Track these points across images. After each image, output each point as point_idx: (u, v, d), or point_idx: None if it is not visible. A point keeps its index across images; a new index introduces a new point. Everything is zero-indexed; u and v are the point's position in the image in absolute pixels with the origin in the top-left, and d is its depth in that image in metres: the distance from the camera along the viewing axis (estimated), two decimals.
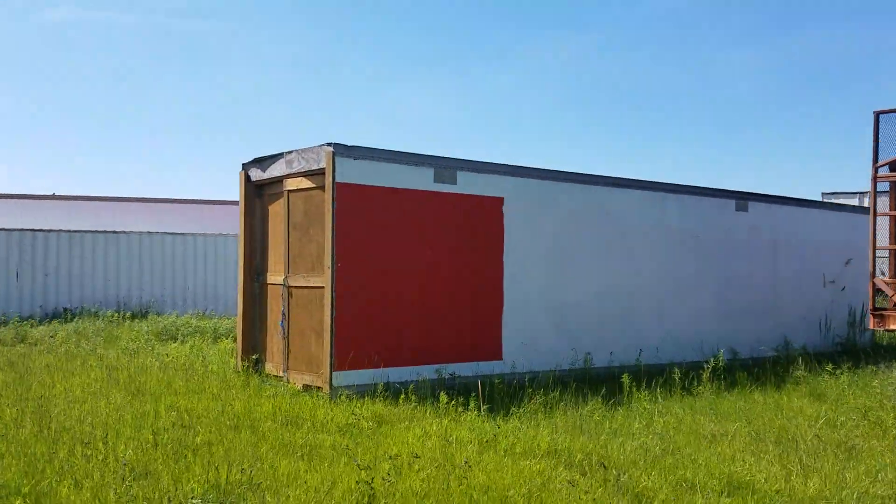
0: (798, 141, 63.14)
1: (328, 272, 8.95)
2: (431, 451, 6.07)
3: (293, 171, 9.85)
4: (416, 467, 5.28)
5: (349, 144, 9.10)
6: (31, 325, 17.79)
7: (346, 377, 8.92)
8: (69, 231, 22.77)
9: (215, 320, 19.55)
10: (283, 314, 10.08)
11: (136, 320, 20.37)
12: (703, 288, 13.01)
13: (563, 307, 11.11)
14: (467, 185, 10.08)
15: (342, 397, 8.44)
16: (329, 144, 9.06)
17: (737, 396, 9.44)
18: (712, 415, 8.17)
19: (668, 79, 63.72)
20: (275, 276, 10.53)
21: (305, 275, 9.70)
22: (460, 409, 7.84)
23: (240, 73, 65.72)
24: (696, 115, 65.62)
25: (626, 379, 8.77)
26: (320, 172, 9.36)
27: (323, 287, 9.28)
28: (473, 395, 8.43)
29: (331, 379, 8.84)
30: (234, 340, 16.17)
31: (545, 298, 10.93)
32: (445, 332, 9.91)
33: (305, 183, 9.74)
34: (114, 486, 4.90)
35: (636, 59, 64.15)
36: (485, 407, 7.84)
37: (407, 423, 7.46)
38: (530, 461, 5.77)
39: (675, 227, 12.63)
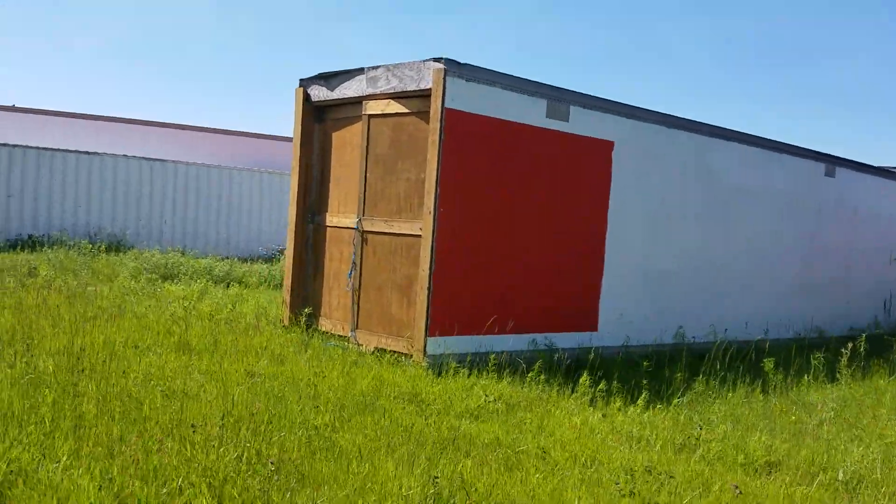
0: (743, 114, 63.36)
1: (429, 218, 7.64)
2: (624, 456, 4.96)
3: (378, 91, 8.41)
4: (668, 489, 4.14)
5: (461, 62, 7.71)
6: None
7: (440, 344, 7.71)
8: (38, 148, 20.65)
9: (208, 260, 18.04)
10: (354, 264, 8.75)
11: (114, 254, 18.71)
12: (793, 259, 12.16)
13: (658, 274, 10.06)
14: (579, 123, 8.80)
15: (448, 369, 7.24)
16: (437, 59, 7.65)
17: (869, 382, 8.58)
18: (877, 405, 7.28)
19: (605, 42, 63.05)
20: (339, 218, 9.16)
21: (388, 219, 8.36)
22: (588, 391, 6.73)
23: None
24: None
25: (768, 364, 7.77)
26: (420, 95, 7.95)
27: (415, 235, 7.98)
28: (585, 370, 7.31)
29: (425, 346, 7.63)
30: (256, 286, 14.77)
31: (642, 263, 9.84)
32: (545, 297, 8.76)
33: (395, 107, 8.31)
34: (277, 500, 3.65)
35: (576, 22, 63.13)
36: (596, 385, 6.73)
37: (542, 407, 6.34)
38: (780, 482, 4.70)
39: (775, 190, 11.64)
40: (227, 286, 14.75)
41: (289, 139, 32.65)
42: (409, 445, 4.82)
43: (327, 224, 9.36)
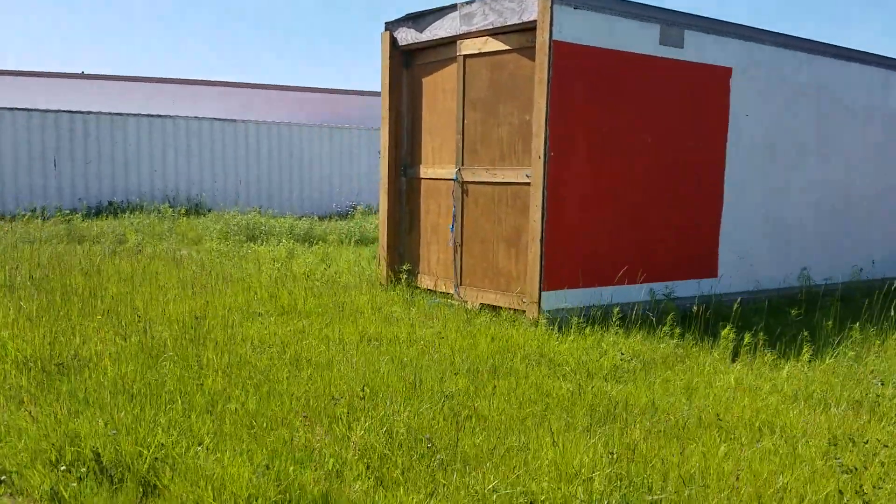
0: None
1: (539, 163, 7.15)
2: (806, 421, 4.48)
3: (474, 28, 7.87)
4: (880, 459, 3.65)
5: None
6: (80, 221, 16.29)
7: (556, 298, 7.30)
8: (111, 114, 20.86)
9: (287, 219, 18.04)
10: (455, 217, 8.37)
11: (194, 216, 18.90)
12: None
13: (777, 210, 9.32)
14: (694, 49, 8.08)
15: (569, 325, 6.85)
16: None
17: None
18: None
19: None
20: (434, 170, 8.75)
21: (490, 167, 7.91)
22: (729, 344, 6.22)
23: None
24: None
25: None
26: (522, 29, 7.38)
27: (521, 183, 7.52)
28: (728, 322, 6.76)
29: (540, 300, 7.23)
30: (342, 244, 14.65)
31: (762, 200, 9.12)
32: (661, 242, 8.21)
33: (494, 44, 7.77)
34: (450, 484, 3.34)
35: None
36: (746, 337, 6.19)
37: (682, 365, 5.89)
38: None
39: None
40: (311, 245, 14.64)
41: (357, 92, 32.27)
42: (558, 413, 4.46)
43: (421, 176, 8.97)
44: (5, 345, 5.26)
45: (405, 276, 8.98)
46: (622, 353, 5.81)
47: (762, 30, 8.73)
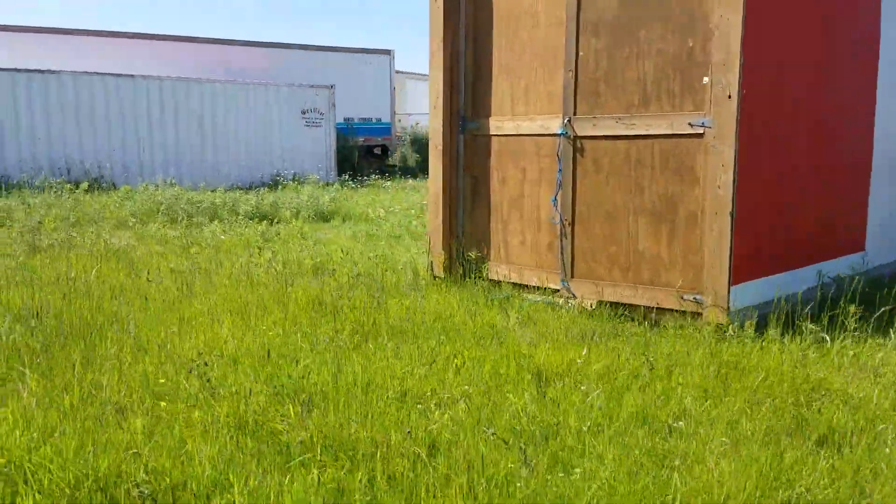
0: None
1: (728, 105, 5.15)
2: None
3: None
4: None
5: None
6: None
7: (745, 294, 5.40)
8: None
9: (221, 193, 15.24)
10: (560, 185, 6.26)
11: (99, 193, 15.75)
12: None
13: None
14: None
15: (782, 331, 4.98)
16: None
17: None
18: None
19: None
20: (516, 122, 6.59)
21: (624, 115, 5.83)
22: None
23: None
24: None
25: None
26: None
27: (679, 135, 5.51)
28: None
29: (729, 298, 5.30)
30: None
31: (891, 148, 7.60)
32: (824, 209, 6.49)
33: None
34: None
35: None
36: None
37: None
38: None
39: None
40: (268, 224, 12.05)
41: (257, 44, 28.61)
42: None
43: (493, 132, 6.78)
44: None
45: (474, 266, 6.83)
46: None
47: None
